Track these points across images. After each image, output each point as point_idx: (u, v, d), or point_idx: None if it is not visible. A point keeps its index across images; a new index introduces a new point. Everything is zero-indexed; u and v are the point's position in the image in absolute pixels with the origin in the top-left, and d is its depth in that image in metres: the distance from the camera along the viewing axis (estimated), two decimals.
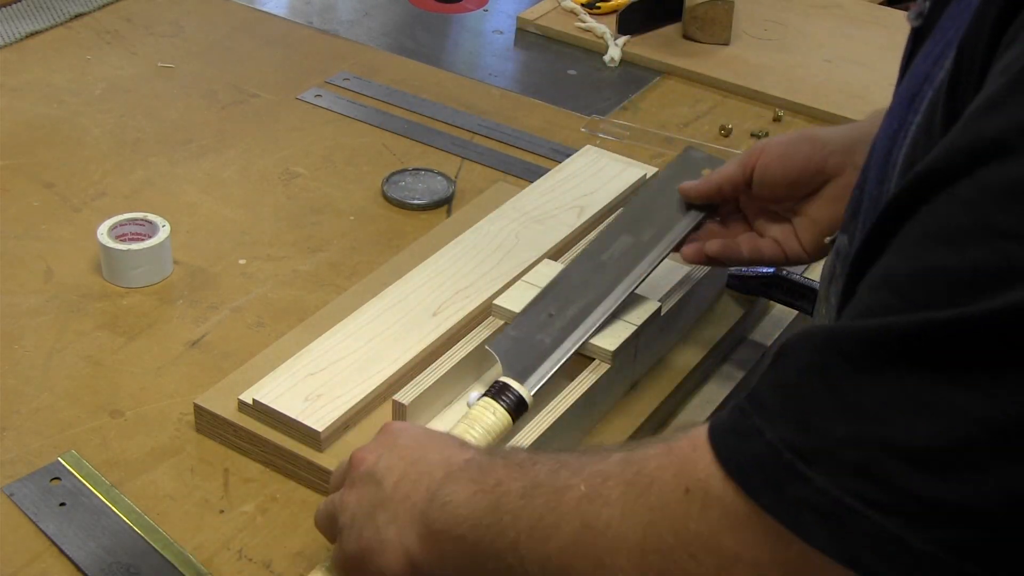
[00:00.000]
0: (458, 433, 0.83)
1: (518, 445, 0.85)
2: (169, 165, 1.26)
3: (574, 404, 0.89)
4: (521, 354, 0.90)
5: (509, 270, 1.05)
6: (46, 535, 0.84)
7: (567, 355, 0.91)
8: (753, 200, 0.95)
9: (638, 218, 0.99)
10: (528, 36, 1.63)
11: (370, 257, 1.14)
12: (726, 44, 1.57)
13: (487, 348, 0.92)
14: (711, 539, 0.56)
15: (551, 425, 0.87)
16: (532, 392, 0.87)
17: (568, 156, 1.24)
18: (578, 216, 1.13)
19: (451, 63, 1.57)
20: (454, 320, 0.99)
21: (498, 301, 0.96)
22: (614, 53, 1.55)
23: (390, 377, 0.94)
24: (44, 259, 1.11)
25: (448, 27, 1.68)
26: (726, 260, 0.96)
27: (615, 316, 0.94)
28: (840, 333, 0.54)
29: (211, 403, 0.93)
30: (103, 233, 1.08)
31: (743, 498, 0.55)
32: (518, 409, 0.86)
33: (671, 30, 1.60)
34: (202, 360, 1.01)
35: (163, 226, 1.09)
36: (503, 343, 0.92)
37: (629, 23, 1.58)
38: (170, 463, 0.91)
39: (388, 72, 1.47)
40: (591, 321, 0.93)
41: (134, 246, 1.07)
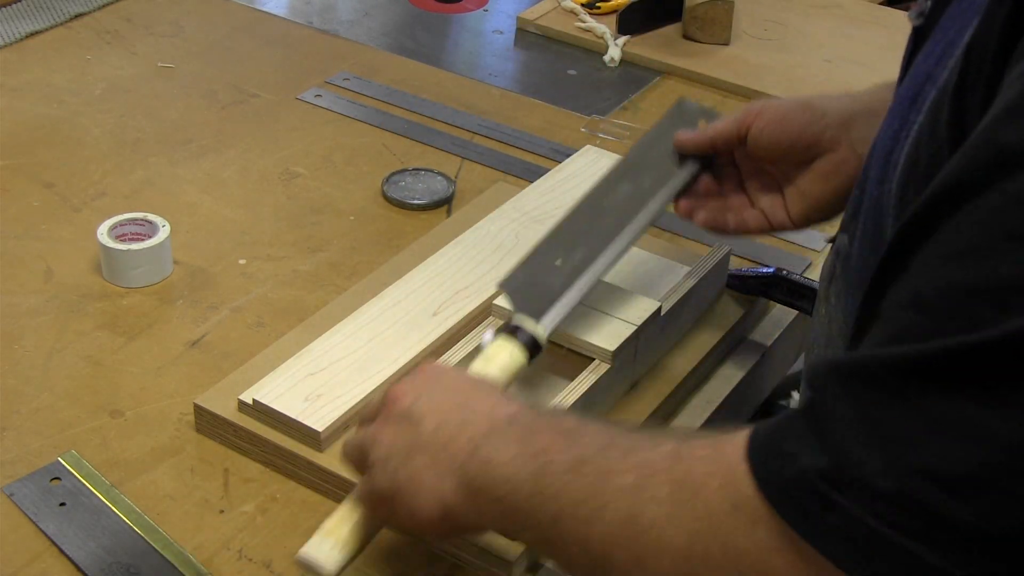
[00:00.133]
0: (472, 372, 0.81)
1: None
2: (169, 165, 1.26)
3: (574, 404, 0.89)
4: (532, 294, 0.89)
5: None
6: (46, 535, 0.84)
7: (579, 296, 0.89)
8: (747, 158, 0.94)
9: (636, 167, 0.98)
10: (528, 36, 1.63)
11: (370, 257, 1.14)
12: (726, 44, 1.57)
13: (497, 286, 0.91)
14: (760, 559, 0.55)
15: None
16: (547, 333, 0.86)
17: (568, 156, 1.24)
18: None
19: (451, 63, 1.57)
20: (454, 320, 0.99)
21: (498, 301, 0.96)
22: (614, 53, 1.55)
23: (390, 377, 0.93)
24: (44, 259, 1.11)
25: (448, 27, 1.68)
26: (713, 230, 0.95)
27: (614, 315, 0.94)
28: (871, 360, 0.53)
29: (211, 403, 0.93)
30: (103, 233, 1.08)
31: (786, 522, 0.54)
32: (532, 349, 0.85)
33: (671, 30, 1.60)
34: (202, 360, 1.01)
35: (163, 226, 1.09)
36: (514, 283, 0.91)
37: (629, 23, 1.58)
38: (170, 463, 0.91)
39: (388, 72, 1.47)
40: (600, 264, 0.91)
41: (134, 246, 1.07)
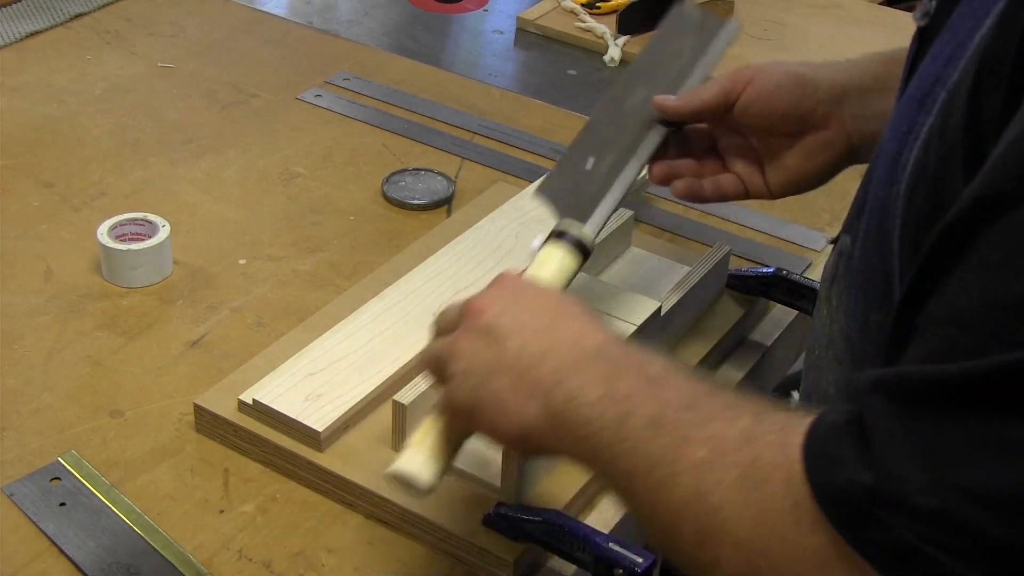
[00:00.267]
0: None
1: None
2: (169, 165, 1.26)
3: None
4: (572, 198, 0.88)
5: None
6: (46, 535, 0.85)
7: (618, 197, 0.89)
8: (728, 125, 0.93)
9: (648, 72, 0.97)
10: (528, 36, 1.63)
11: (370, 257, 1.14)
12: None
13: (534, 195, 0.90)
14: (816, 564, 0.55)
15: None
16: (594, 235, 0.85)
17: None
18: None
19: (451, 63, 1.57)
20: None
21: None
22: (614, 53, 1.55)
23: (390, 377, 0.94)
24: (44, 259, 1.11)
25: (448, 27, 1.68)
26: (690, 199, 0.94)
27: (614, 316, 0.94)
28: (915, 376, 0.53)
29: (211, 403, 0.93)
30: (103, 233, 1.08)
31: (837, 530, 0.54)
32: (582, 251, 0.84)
33: None
34: (202, 360, 1.01)
35: (163, 226, 1.09)
36: (551, 189, 0.90)
37: (629, 23, 1.58)
38: (170, 463, 0.91)
39: (388, 72, 1.47)
40: (633, 166, 0.90)
41: (134, 246, 1.07)
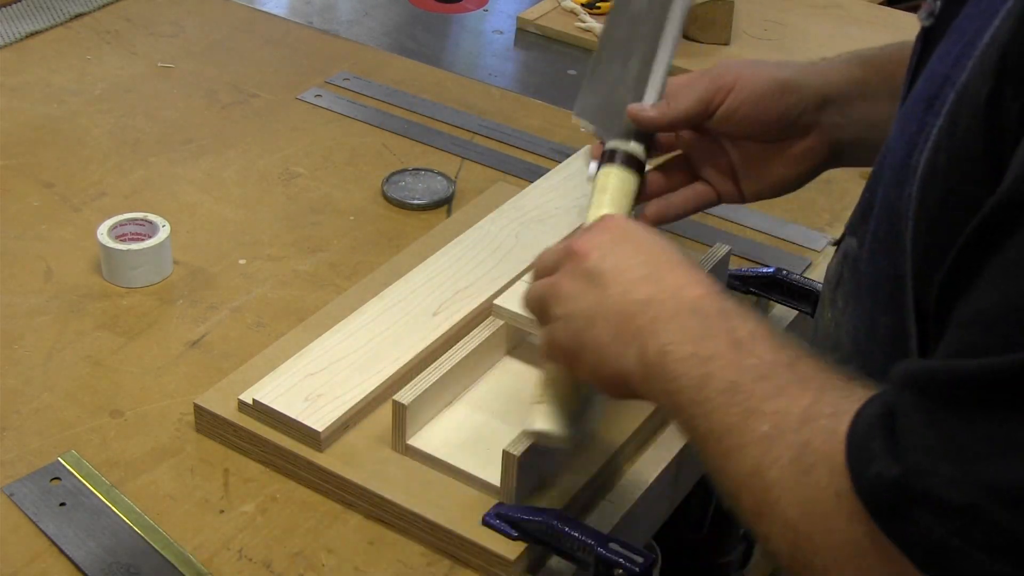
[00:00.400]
0: (592, 208, 0.82)
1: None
2: (169, 165, 1.26)
3: None
4: (611, 117, 0.89)
5: (509, 270, 1.04)
6: (46, 535, 0.85)
7: (656, 97, 0.90)
8: (702, 130, 0.92)
9: None
10: (528, 36, 1.63)
11: (370, 257, 1.14)
12: (726, 44, 1.57)
13: (574, 118, 0.92)
14: (858, 552, 0.55)
15: None
16: (642, 148, 0.87)
17: (568, 156, 1.24)
18: (578, 216, 1.13)
19: (451, 63, 1.57)
20: (454, 320, 0.99)
21: (498, 301, 0.96)
22: None
23: (390, 377, 0.94)
24: (44, 259, 1.11)
25: (448, 27, 1.68)
26: (663, 223, 0.94)
27: None
28: (945, 371, 0.53)
29: (211, 403, 0.93)
30: (103, 233, 1.08)
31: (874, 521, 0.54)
32: (636, 166, 0.85)
33: None
34: (202, 360, 1.01)
35: (163, 226, 1.09)
36: (588, 109, 0.91)
37: None
38: (170, 463, 0.91)
39: (388, 72, 1.47)
40: (659, 67, 0.91)
41: (134, 246, 1.07)
